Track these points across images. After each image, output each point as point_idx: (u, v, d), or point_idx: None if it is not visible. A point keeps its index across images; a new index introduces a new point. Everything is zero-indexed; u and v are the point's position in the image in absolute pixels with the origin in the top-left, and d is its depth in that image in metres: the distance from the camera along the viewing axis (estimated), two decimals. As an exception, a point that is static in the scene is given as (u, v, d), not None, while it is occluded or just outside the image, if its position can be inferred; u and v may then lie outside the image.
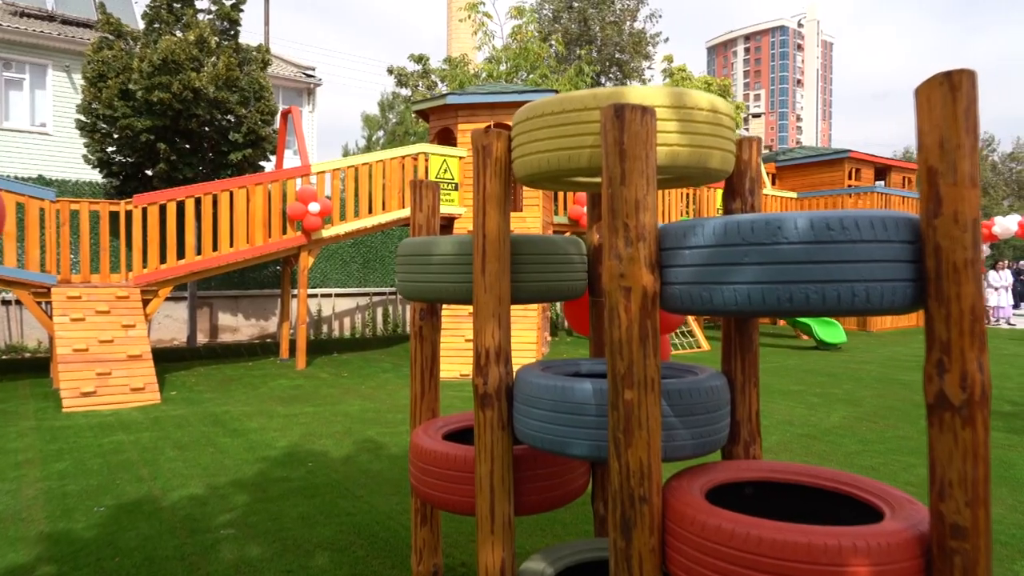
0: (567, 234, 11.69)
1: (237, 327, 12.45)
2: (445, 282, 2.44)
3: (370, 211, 10.15)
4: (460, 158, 10.88)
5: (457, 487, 2.48)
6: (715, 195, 14.82)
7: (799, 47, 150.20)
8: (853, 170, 17.12)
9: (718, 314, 1.79)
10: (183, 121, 9.74)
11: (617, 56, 27.33)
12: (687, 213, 14.44)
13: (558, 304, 15.54)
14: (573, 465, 2.58)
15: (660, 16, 28.27)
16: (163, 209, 8.57)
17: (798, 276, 1.62)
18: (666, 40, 29.27)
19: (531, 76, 14.44)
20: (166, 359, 10.04)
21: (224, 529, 3.63)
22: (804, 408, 6.90)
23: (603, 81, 27.34)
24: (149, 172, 10.41)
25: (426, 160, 10.55)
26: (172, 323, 11.91)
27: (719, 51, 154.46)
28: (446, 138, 11.68)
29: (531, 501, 2.47)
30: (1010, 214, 21.35)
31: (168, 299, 11.20)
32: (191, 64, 9.49)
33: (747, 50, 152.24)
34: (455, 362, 9.23)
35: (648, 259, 1.84)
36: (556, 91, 10.96)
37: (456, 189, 10.86)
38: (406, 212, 10.40)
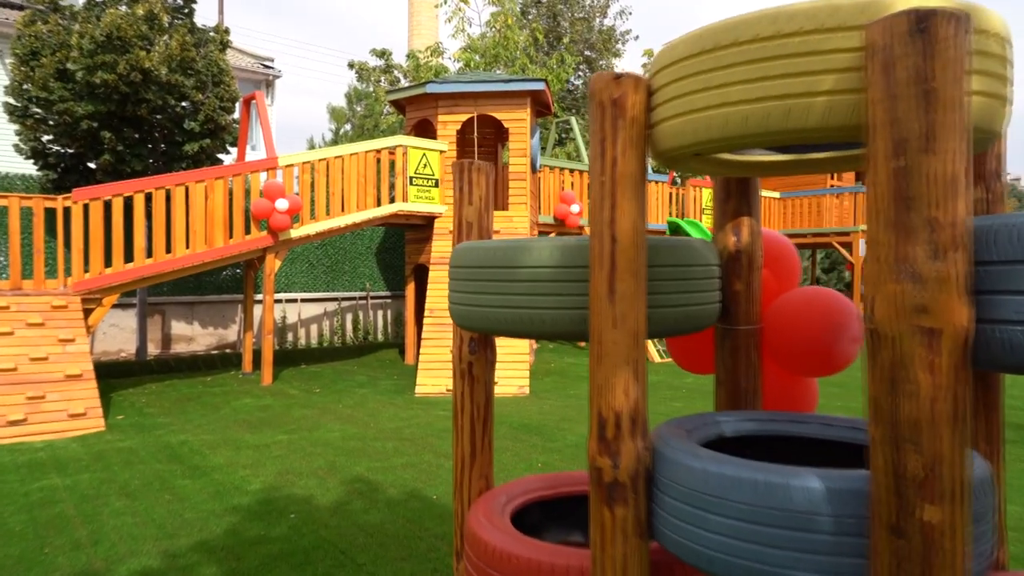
0: (551, 235, 10.86)
1: (193, 336, 11.34)
2: (539, 307, 1.63)
3: (343, 209, 9.22)
4: (441, 152, 10.02)
5: (554, 611, 1.68)
6: (701, 195, 14.26)
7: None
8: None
9: None
10: (131, 107, 8.64)
11: (586, 54, 26.72)
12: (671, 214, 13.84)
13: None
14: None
15: (630, 13, 27.80)
16: (108, 206, 7.51)
17: None
18: (636, 38, 28.83)
19: (512, 68, 13.64)
20: (112, 375, 8.93)
21: (189, 625, 2.75)
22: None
23: (571, 79, 26.68)
24: (92, 164, 9.26)
25: (404, 154, 9.66)
26: (119, 333, 10.74)
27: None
28: (424, 131, 10.80)
29: (661, 628, 1.68)
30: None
31: (114, 305, 10.05)
32: (140, 42, 8.40)
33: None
34: (440, 376, 8.37)
35: (964, 280, 1.07)
36: (545, 80, 10.20)
37: (436, 186, 10.00)
38: (382, 210, 9.50)
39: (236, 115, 10.33)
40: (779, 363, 1.97)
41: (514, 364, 8.53)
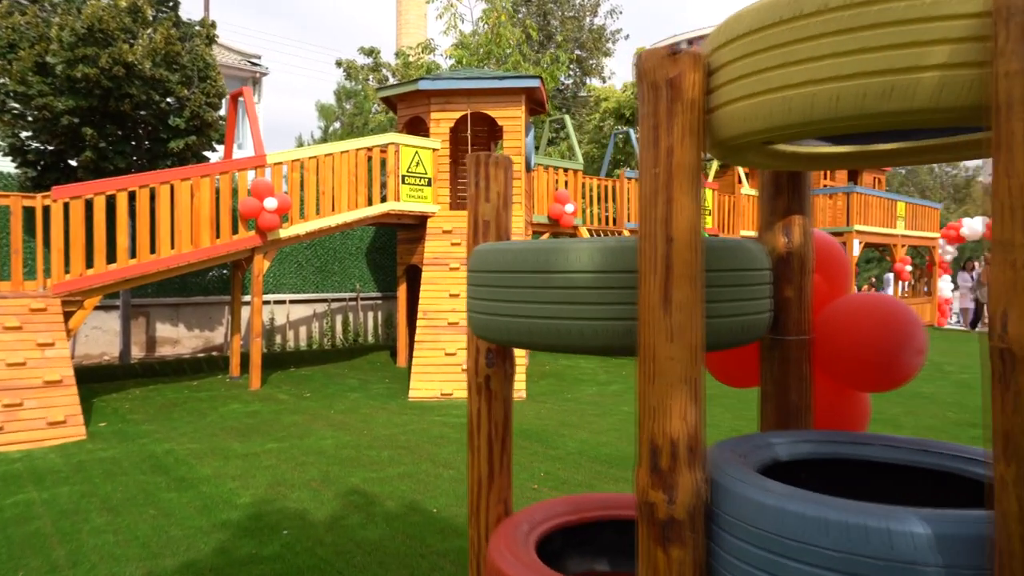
0: (545, 236, 10.63)
1: (178, 339, 11.05)
2: (577, 318, 1.43)
3: (333, 208, 8.98)
4: (434, 150, 9.81)
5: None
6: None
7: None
8: (827, 170, 16.75)
9: None
10: (113, 102, 8.35)
11: (576, 52, 26.59)
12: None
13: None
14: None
15: (620, 12, 27.69)
16: (89, 204, 7.23)
17: None
18: (627, 37, 28.76)
19: (504, 65, 13.44)
20: (94, 379, 8.64)
21: (176, 659, 2.53)
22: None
23: (561, 78, 26.54)
24: (73, 162, 8.96)
25: (396, 151, 9.44)
26: (101, 335, 10.43)
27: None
28: (416, 128, 10.60)
29: None
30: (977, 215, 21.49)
31: (97, 307, 9.75)
32: (123, 35, 8.12)
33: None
34: (434, 379, 8.16)
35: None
36: (540, 78, 10.01)
37: (429, 185, 9.78)
38: (374, 210, 9.28)
39: (223, 111, 10.07)
40: (833, 377, 1.79)
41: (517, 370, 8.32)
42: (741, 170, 16.05)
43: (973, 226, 17.70)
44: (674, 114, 1.28)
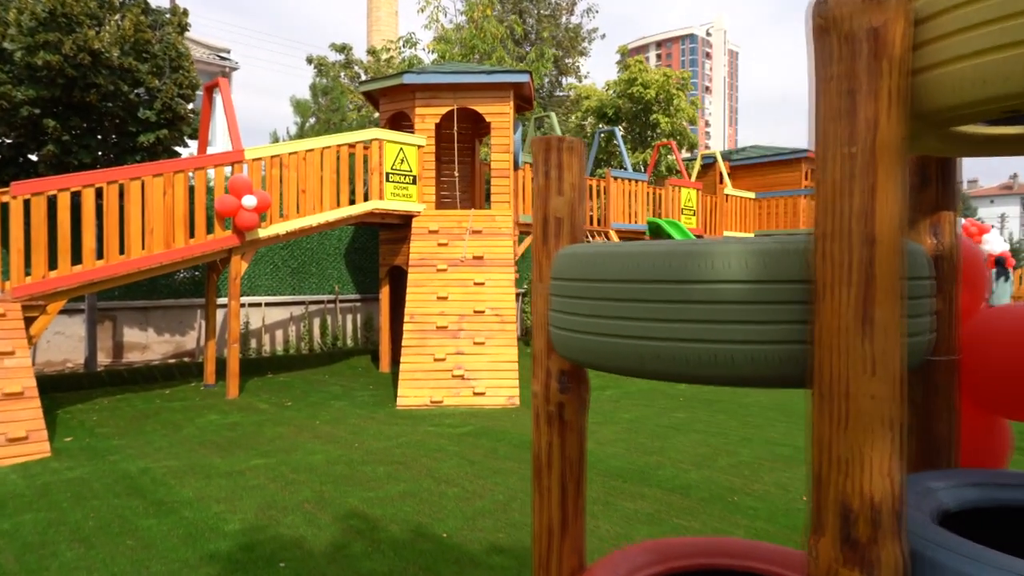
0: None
1: (147, 344, 10.47)
2: (726, 341, 1.12)
3: (313, 208, 8.55)
4: (419, 147, 9.43)
5: None
6: (679, 194, 13.98)
7: (707, 55, 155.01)
8: (810, 171, 16.73)
9: None
10: (78, 92, 7.81)
11: (552, 51, 26.37)
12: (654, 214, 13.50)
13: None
14: None
15: (597, 11, 27.50)
16: (52, 202, 6.72)
17: None
18: (603, 36, 28.53)
19: (488, 60, 13.11)
20: (57, 388, 8.09)
21: None
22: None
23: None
24: (33, 156, 8.40)
25: (380, 148, 9.04)
26: (64, 341, 9.82)
27: (632, 56, 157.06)
28: (399, 124, 10.22)
29: None
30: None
31: (60, 311, 9.15)
32: (88, 21, 7.60)
33: (659, 56, 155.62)
34: (423, 386, 7.80)
35: None
36: (529, 72, 9.70)
37: (414, 183, 9.41)
38: (357, 208, 8.88)
39: (192, 105, 9.55)
40: (981, 403, 1.51)
41: (502, 371, 8.00)
42: (723, 169, 15.95)
43: (949, 227, 17.87)
44: (878, 75, 0.97)
